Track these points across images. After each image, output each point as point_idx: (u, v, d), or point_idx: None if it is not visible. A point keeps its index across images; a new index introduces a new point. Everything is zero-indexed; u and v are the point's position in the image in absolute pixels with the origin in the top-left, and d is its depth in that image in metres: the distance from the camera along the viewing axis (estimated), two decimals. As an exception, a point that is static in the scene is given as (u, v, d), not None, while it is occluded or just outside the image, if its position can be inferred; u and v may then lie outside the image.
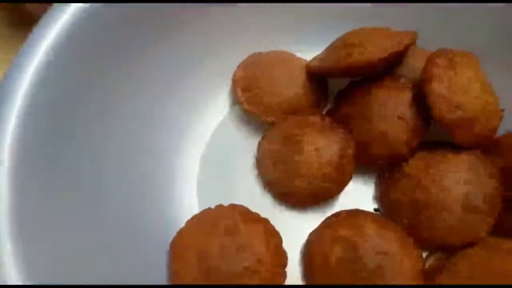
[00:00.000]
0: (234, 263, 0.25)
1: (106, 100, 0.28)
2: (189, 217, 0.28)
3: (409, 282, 0.25)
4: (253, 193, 0.31)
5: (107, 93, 0.27)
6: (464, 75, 0.28)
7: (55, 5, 0.25)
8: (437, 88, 0.27)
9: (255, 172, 0.32)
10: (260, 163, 0.31)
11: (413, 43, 0.31)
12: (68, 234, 0.23)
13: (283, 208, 0.30)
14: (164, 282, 0.26)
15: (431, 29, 0.32)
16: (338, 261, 0.26)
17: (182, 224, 0.28)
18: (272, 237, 0.27)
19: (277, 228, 0.28)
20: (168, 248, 0.27)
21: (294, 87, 0.33)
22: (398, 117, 0.29)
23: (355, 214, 0.28)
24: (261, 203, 0.30)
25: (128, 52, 0.29)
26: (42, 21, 0.24)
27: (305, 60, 0.35)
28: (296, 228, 0.29)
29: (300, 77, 0.33)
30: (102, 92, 0.27)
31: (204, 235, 0.26)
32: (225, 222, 0.27)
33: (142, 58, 0.30)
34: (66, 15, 0.24)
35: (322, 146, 0.29)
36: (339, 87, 0.33)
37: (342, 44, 0.31)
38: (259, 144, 0.31)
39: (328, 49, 0.33)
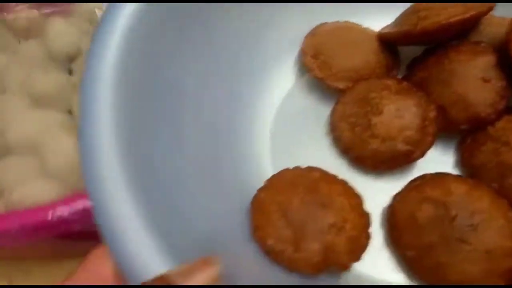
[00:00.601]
0: (319, 219, 0.24)
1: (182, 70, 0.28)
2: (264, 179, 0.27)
3: (506, 241, 0.23)
4: (328, 158, 0.30)
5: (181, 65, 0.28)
6: (550, 35, 0.27)
7: None
8: (525, 46, 0.26)
9: (328, 138, 0.31)
10: (335, 127, 0.30)
11: (493, 7, 0.30)
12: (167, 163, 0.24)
13: (359, 172, 0.29)
14: (246, 237, 0.25)
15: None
16: (427, 221, 0.25)
17: (258, 186, 0.27)
18: (353, 197, 0.26)
19: (355, 192, 0.27)
20: (248, 206, 0.26)
21: (365, 54, 0.32)
22: (483, 79, 0.28)
23: (442, 175, 0.27)
24: (337, 167, 0.29)
25: (196, 24, 0.29)
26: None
27: (373, 30, 0.34)
28: (374, 193, 0.28)
29: (371, 45, 0.33)
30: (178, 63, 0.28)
31: (285, 192, 0.26)
32: (304, 181, 0.26)
33: (211, 28, 0.30)
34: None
35: (402, 107, 0.28)
36: (410, 58, 0.33)
37: (417, 8, 0.30)
38: (334, 109, 0.31)
39: (400, 16, 0.32)
